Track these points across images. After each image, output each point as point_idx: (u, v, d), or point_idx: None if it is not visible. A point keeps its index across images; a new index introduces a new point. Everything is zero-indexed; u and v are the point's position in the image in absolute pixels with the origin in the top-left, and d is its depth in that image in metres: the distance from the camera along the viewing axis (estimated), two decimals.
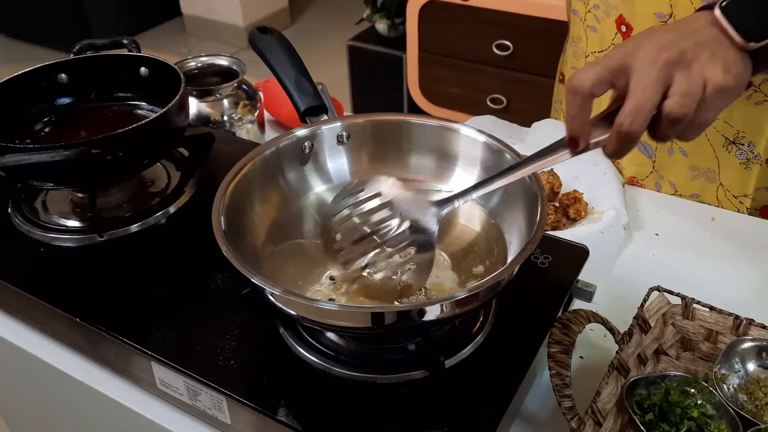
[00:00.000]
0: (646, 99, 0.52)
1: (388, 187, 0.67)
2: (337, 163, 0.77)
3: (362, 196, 0.66)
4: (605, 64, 0.54)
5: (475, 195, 0.63)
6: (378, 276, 0.65)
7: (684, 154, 0.97)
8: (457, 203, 0.64)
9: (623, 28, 0.92)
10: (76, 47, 0.96)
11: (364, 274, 0.66)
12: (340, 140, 0.76)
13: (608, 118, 0.55)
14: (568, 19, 1.07)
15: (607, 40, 0.96)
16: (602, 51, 0.97)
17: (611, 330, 0.67)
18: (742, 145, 0.93)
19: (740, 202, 0.97)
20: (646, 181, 1.03)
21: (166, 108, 0.80)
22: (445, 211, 0.65)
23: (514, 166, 0.61)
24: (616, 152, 0.55)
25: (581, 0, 0.99)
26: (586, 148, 0.56)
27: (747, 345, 0.66)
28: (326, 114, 0.76)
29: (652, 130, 0.54)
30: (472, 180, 0.73)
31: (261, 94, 1.14)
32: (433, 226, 0.64)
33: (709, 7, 0.57)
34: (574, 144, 0.56)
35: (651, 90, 0.52)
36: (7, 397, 0.98)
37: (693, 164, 0.98)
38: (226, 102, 1.08)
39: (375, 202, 0.66)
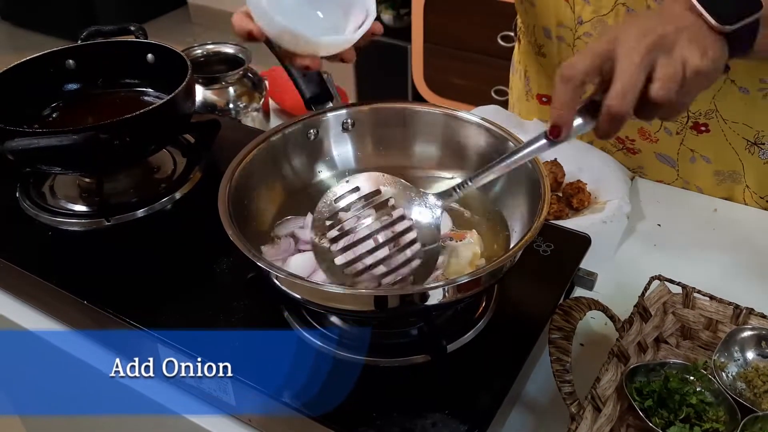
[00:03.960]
0: (632, 82, 0.53)
1: (381, 182, 0.65)
2: (342, 150, 0.77)
3: (355, 196, 0.64)
4: (593, 51, 0.55)
5: (473, 184, 0.63)
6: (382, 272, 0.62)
7: (707, 161, 0.96)
8: (456, 195, 0.64)
9: None
10: (84, 33, 0.97)
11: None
12: (345, 127, 0.77)
13: (585, 108, 0.56)
14: (538, 42, 1.03)
15: None
16: None
17: (612, 318, 0.68)
18: (763, 144, 0.92)
19: (766, 201, 0.97)
20: (674, 185, 1.02)
21: (172, 94, 0.81)
22: (447, 202, 0.64)
23: (501, 159, 0.61)
24: (606, 133, 0.56)
25: (566, 27, 0.95)
26: (566, 137, 0.56)
27: (746, 334, 0.67)
28: (331, 102, 0.76)
29: (637, 112, 0.56)
30: (475, 168, 0.74)
31: (266, 82, 1.15)
32: (437, 220, 0.64)
33: None
34: (556, 133, 0.56)
35: (636, 73, 0.53)
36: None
37: (717, 170, 0.97)
38: (231, 90, 1.08)
39: (372, 202, 0.64)
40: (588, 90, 0.57)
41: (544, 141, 0.57)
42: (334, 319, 0.67)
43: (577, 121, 0.56)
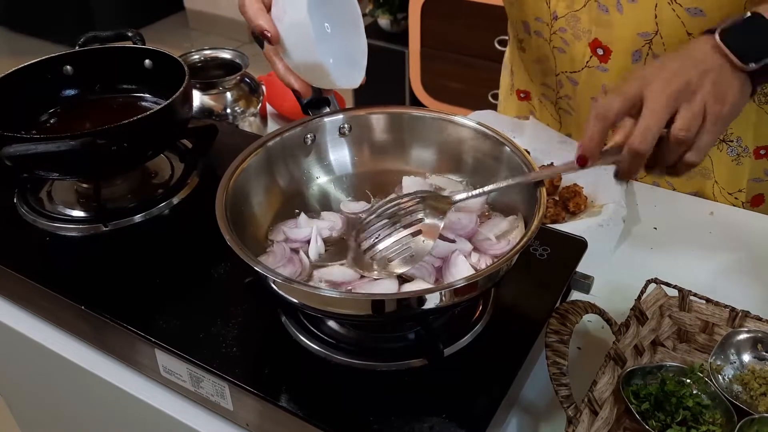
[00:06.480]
0: (655, 122, 0.60)
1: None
2: (339, 154, 0.78)
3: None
4: (626, 94, 0.61)
5: (486, 195, 0.68)
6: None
7: None
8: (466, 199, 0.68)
9: (600, 51, 0.92)
10: (82, 39, 0.97)
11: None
12: (342, 132, 0.77)
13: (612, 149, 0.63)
14: (519, 37, 1.05)
15: (580, 62, 0.96)
16: (574, 72, 0.97)
17: (609, 321, 0.68)
18: (732, 141, 0.94)
19: (735, 198, 0.98)
20: (643, 181, 1.03)
21: (170, 100, 0.81)
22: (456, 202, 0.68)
23: (527, 174, 0.67)
24: (627, 171, 0.63)
25: (543, 22, 0.97)
26: (591, 166, 0.63)
27: (742, 336, 0.67)
28: (328, 106, 0.76)
29: (664, 158, 0.62)
30: (471, 172, 0.74)
31: (264, 87, 1.15)
32: (440, 220, 0.66)
33: (710, 31, 0.64)
34: (582, 162, 0.63)
35: (659, 115, 0.60)
36: (12, 384, 0.99)
37: None
38: (229, 95, 1.08)
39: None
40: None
41: (574, 164, 0.64)
42: (331, 323, 0.67)
43: (604, 155, 0.63)
